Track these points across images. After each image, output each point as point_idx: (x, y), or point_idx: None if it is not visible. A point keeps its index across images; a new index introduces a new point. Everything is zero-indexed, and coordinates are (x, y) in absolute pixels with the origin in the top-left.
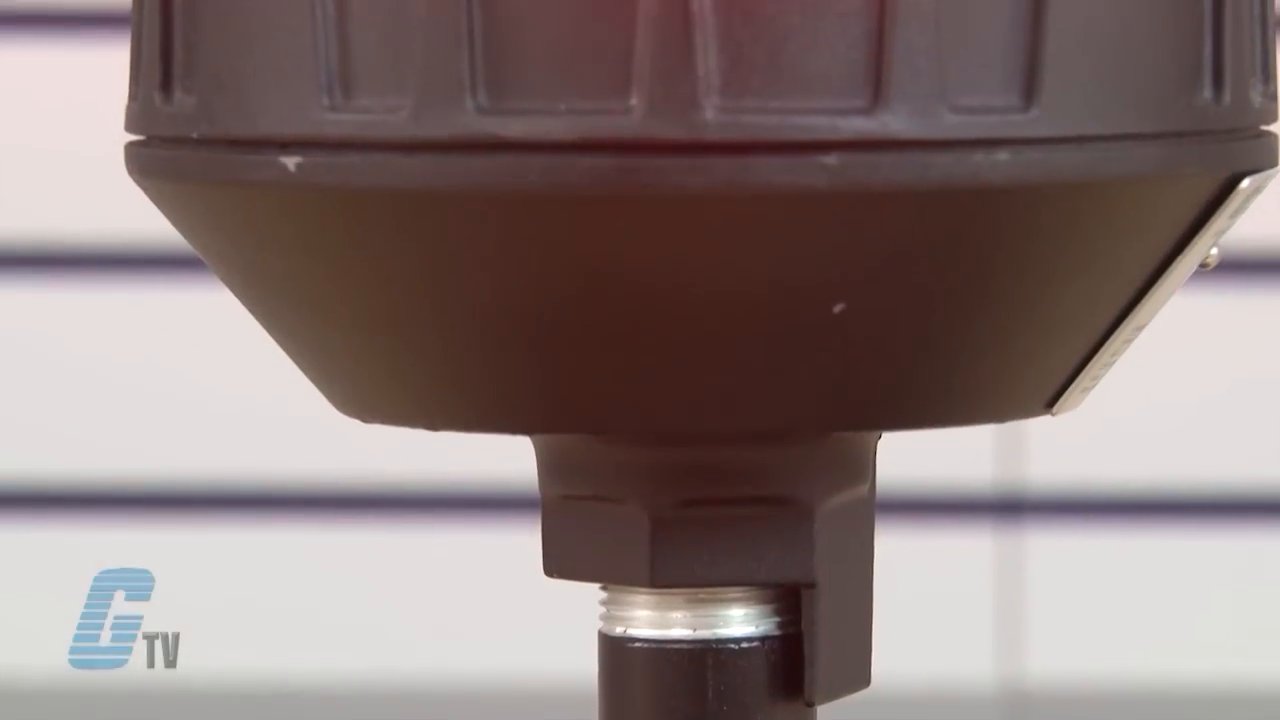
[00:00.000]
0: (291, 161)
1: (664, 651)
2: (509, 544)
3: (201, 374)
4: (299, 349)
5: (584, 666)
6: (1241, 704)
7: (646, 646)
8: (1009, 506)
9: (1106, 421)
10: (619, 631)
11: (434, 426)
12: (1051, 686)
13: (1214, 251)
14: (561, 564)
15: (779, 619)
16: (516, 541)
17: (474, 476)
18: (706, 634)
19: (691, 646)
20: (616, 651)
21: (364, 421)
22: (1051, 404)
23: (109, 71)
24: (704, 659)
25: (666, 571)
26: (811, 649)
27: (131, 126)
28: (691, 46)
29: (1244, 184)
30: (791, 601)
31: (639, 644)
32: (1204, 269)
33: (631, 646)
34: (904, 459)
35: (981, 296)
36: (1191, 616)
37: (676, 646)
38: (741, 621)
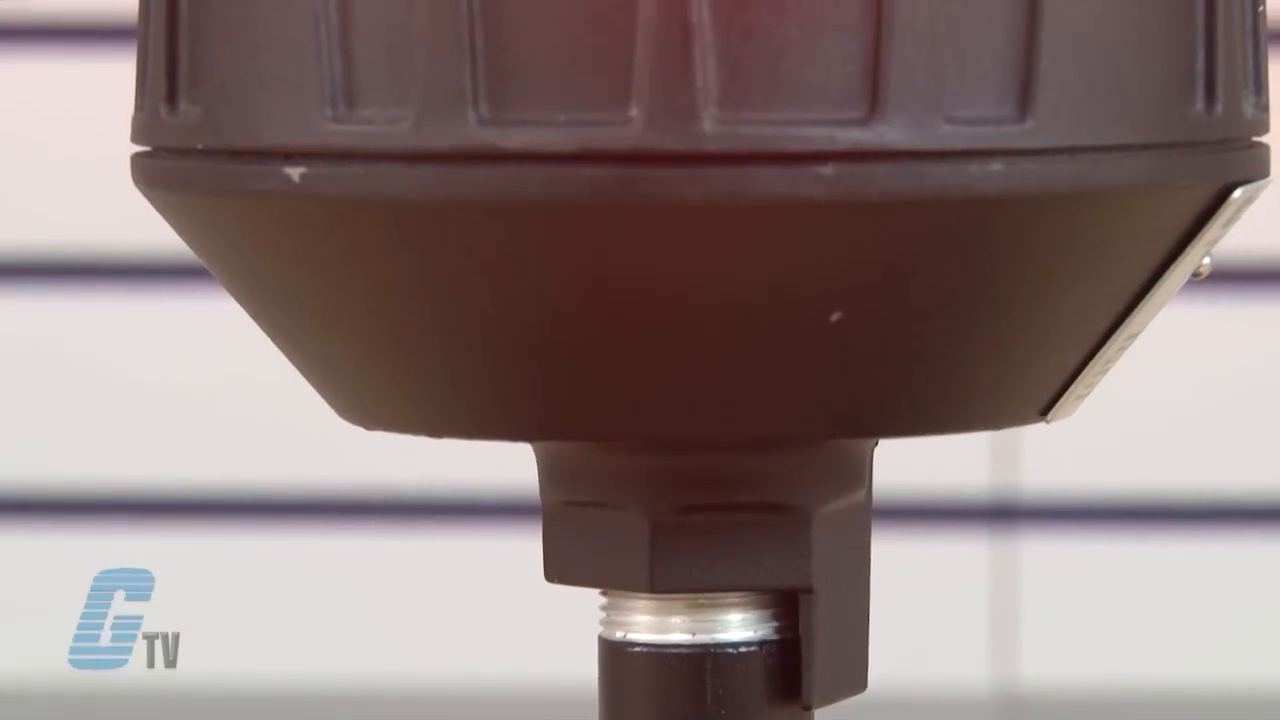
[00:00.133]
0: (295, 172)
1: (663, 656)
2: (510, 549)
3: (207, 381)
4: (302, 357)
5: (584, 670)
6: (1234, 707)
7: (646, 651)
8: (1003, 512)
9: (1100, 429)
10: (619, 636)
11: (436, 433)
12: (1045, 690)
13: (1206, 261)
14: (562, 569)
15: (777, 624)
16: (518, 547)
17: (476, 483)
18: (705, 638)
19: (690, 651)
20: (616, 656)
21: (367, 428)
22: (1046, 411)
23: (115, 83)
24: (703, 663)
25: (666, 577)
26: (809, 653)
27: (137, 137)
28: (690, 59)
29: (1236, 194)
30: (789, 606)
31: (638, 648)
32: (1196, 278)
33: (631, 651)
34: (900, 466)
35: (977, 305)
36: (1184, 621)
37: (675, 651)
38: (740, 626)
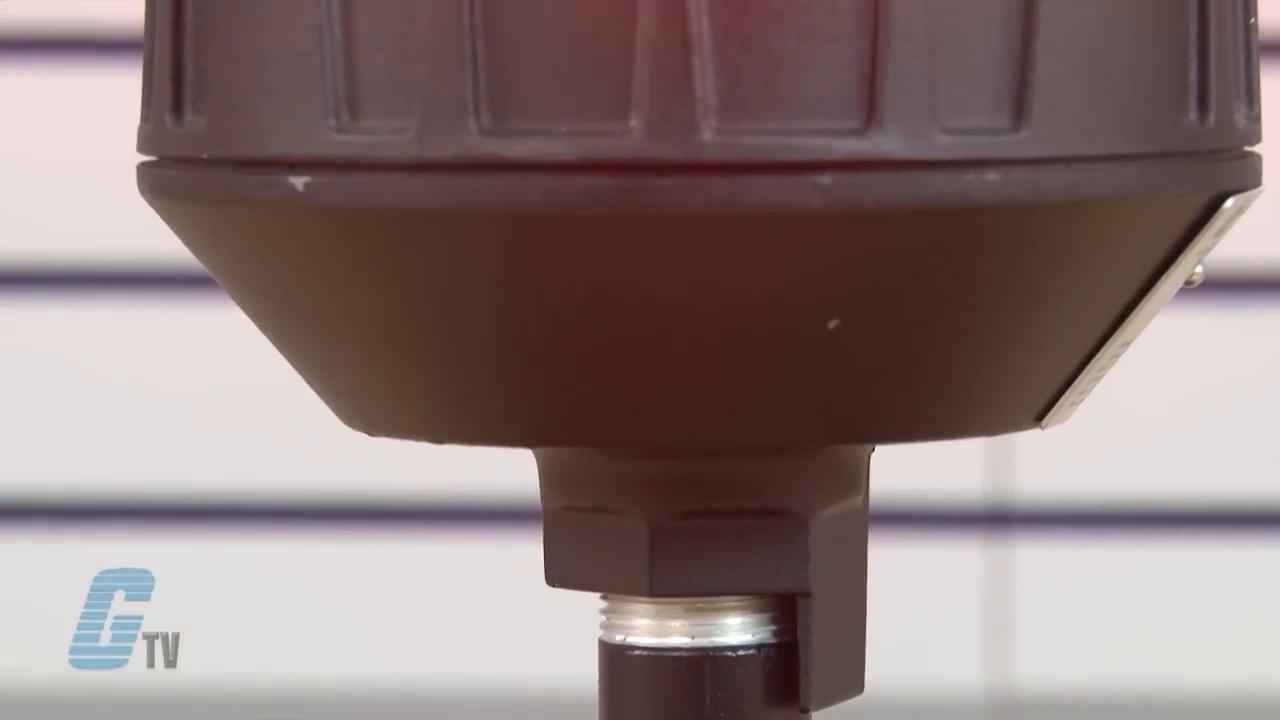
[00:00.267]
0: (299, 181)
1: (662, 659)
2: (511, 554)
3: (212, 388)
4: (306, 364)
5: (585, 674)
6: (1227, 710)
7: (645, 654)
8: (998, 518)
9: (1094, 435)
10: (619, 639)
11: (438, 439)
12: (1039, 693)
13: (1199, 269)
14: (563, 574)
15: (775, 627)
16: (519, 551)
17: (477, 488)
18: (704, 642)
19: (689, 654)
20: (616, 659)
21: (370, 434)
22: (1041, 417)
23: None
24: (701, 666)
25: (665, 581)
26: (806, 657)
27: (143, 148)
28: (690, 69)
29: (1228, 203)
30: (787, 610)
31: (638, 652)
32: (1189, 286)
33: (631, 654)
34: (897, 471)
35: (973, 313)
36: (1177, 625)
37: (675, 654)
38: (738, 630)
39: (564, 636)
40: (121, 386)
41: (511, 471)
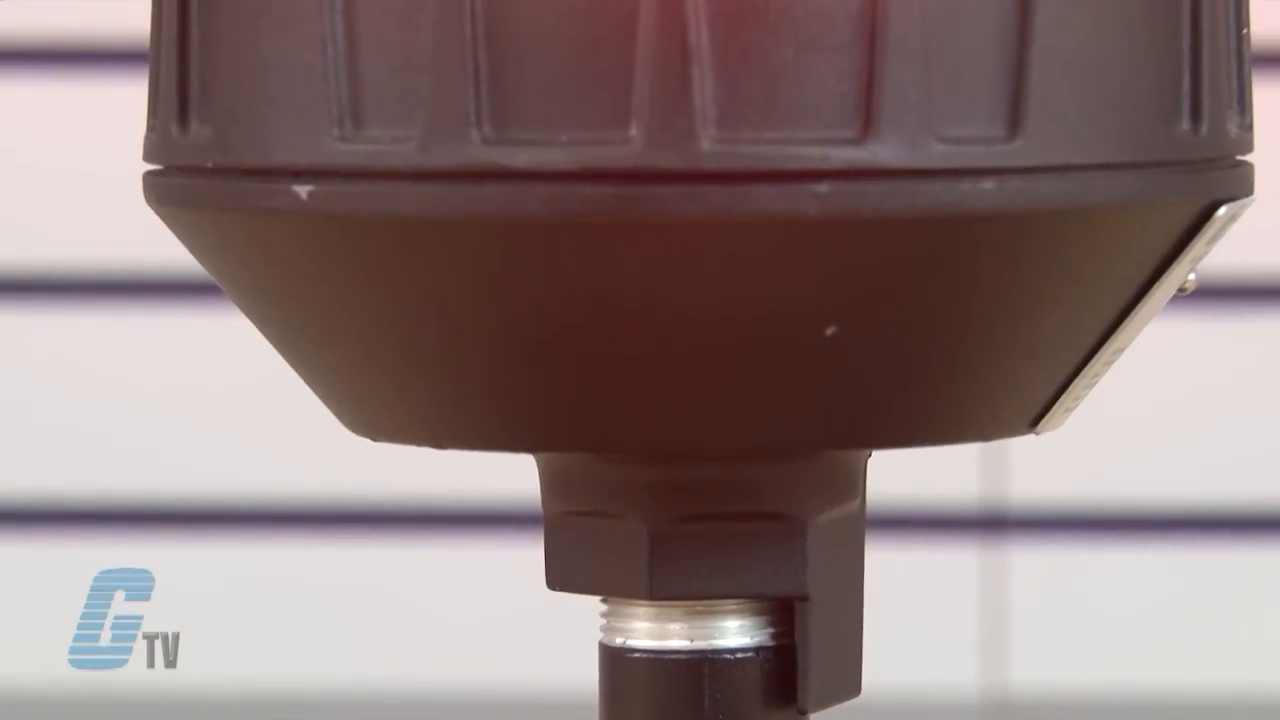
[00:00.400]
0: (303, 190)
1: (662, 661)
2: (513, 558)
3: (219, 394)
4: (310, 370)
5: (585, 676)
6: (1219, 712)
7: (645, 657)
8: (993, 522)
9: (1088, 441)
10: (619, 642)
11: (440, 445)
12: (1033, 695)
13: (1191, 277)
14: (563, 577)
15: (773, 630)
16: (520, 555)
17: (479, 493)
18: (703, 645)
19: (689, 657)
20: (616, 661)
21: (373, 440)
22: (1035, 423)
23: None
24: (701, 669)
25: (665, 584)
26: (804, 659)
27: (149, 156)
28: (689, 80)
29: (1221, 212)
30: (785, 613)
31: (638, 654)
32: (1182, 293)
33: (631, 657)
34: (893, 476)
35: (968, 320)
36: (1168, 627)
37: (674, 657)
38: (737, 633)
39: (565, 639)
40: (128, 392)
41: (513, 476)
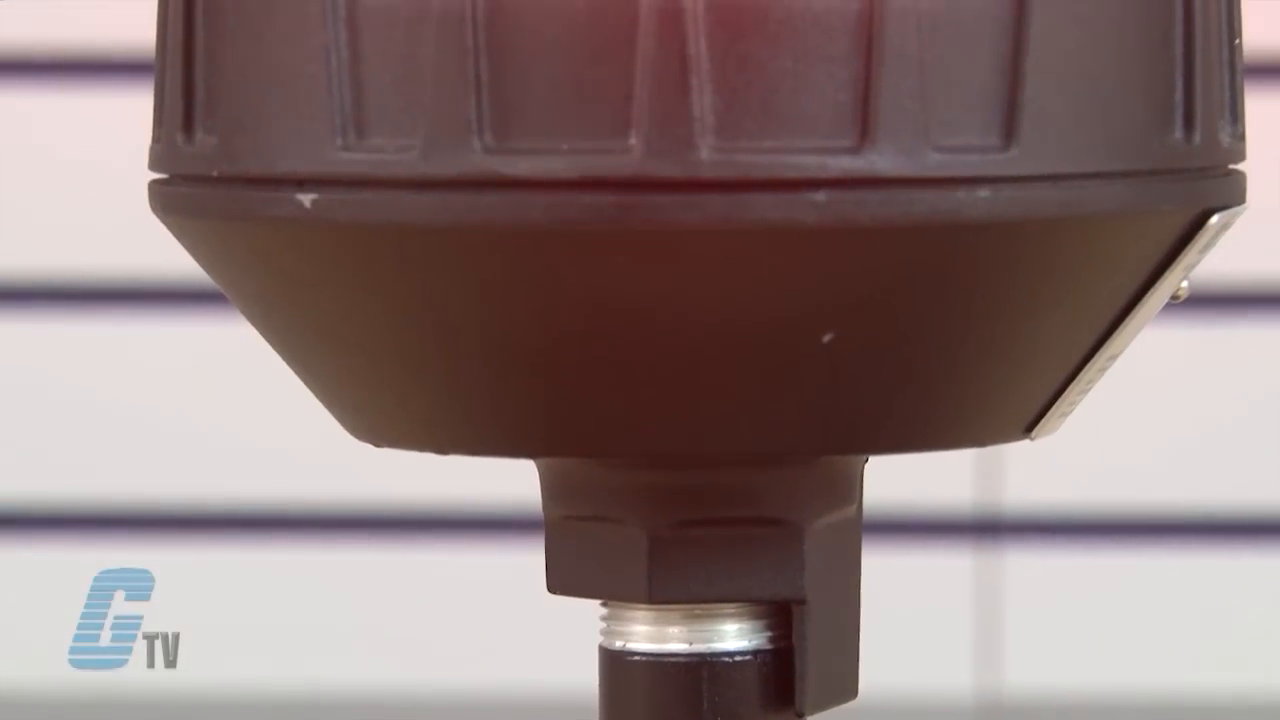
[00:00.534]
0: (307, 199)
1: (661, 664)
2: (514, 562)
3: (224, 400)
4: (313, 377)
5: (585, 679)
6: (1211, 714)
7: (645, 660)
8: (988, 527)
9: (1081, 446)
10: (618, 645)
11: (442, 450)
12: (1027, 698)
13: (1184, 284)
14: (564, 581)
15: (771, 634)
16: (521, 560)
17: (481, 498)
18: (702, 648)
19: (688, 660)
20: (616, 664)
21: (376, 446)
22: (1030, 429)
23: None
24: (699, 672)
25: (664, 588)
26: (802, 662)
27: (155, 166)
28: (688, 89)
29: (1213, 220)
30: (783, 617)
31: (637, 657)
32: (1175, 301)
33: (630, 660)
34: (889, 481)
35: (963, 327)
36: (1160, 631)
37: (673, 660)
38: (735, 636)
39: (565, 642)
40: (135, 398)
41: (514, 482)
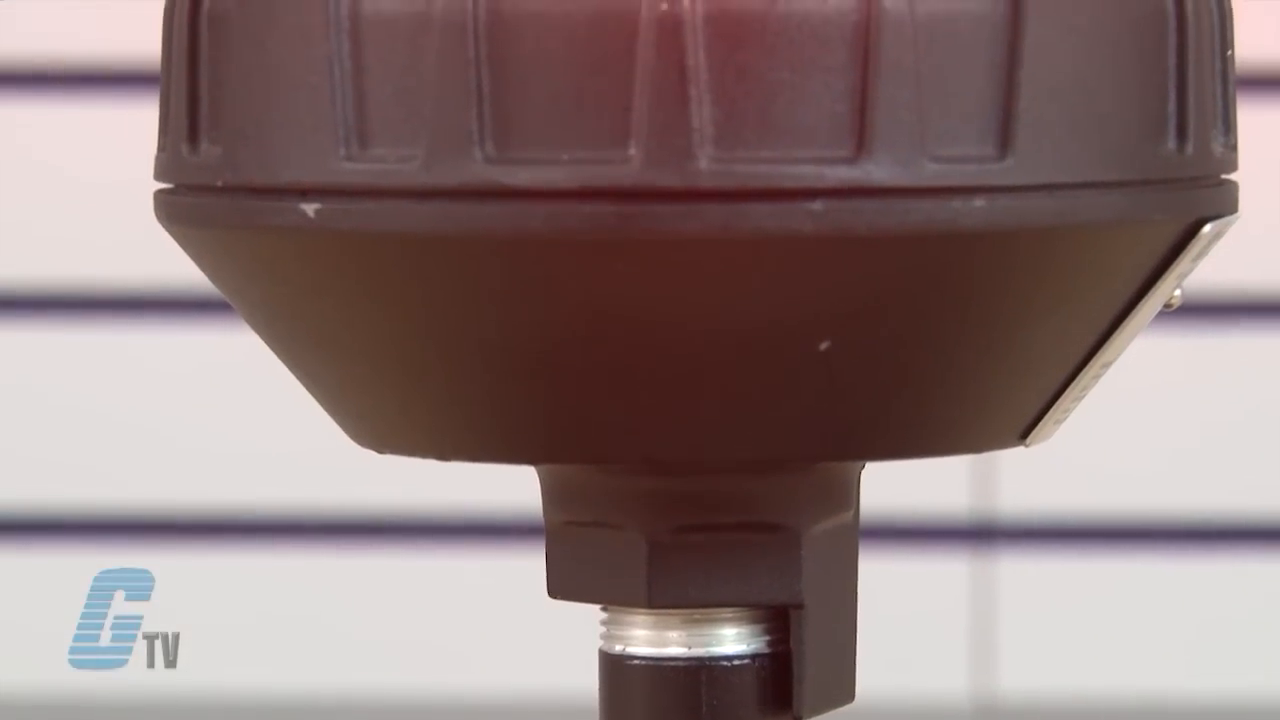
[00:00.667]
0: (310, 208)
1: (660, 668)
2: (515, 567)
3: (231, 408)
4: (317, 384)
5: (585, 682)
6: (1203, 718)
7: (644, 664)
8: (983, 533)
9: (1076, 453)
10: (618, 649)
11: (444, 457)
12: (1022, 701)
13: (1178, 293)
14: (564, 586)
15: (769, 638)
16: (522, 565)
17: (482, 504)
18: (701, 652)
19: (686, 664)
20: (616, 668)
21: (378, 452)
22: (1025, 436)
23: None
24: (698, 675)
25: (663, 593)
26: (799, 666)
27: (160, 175)
28: (687, 100)
29: (1206, 229)
30: (781, 621)
31: (637, 661)
32: (1168, 309)
33: (630, 664)
34: (886, 488)
35: (959, 335)
36: (1152, 635)
37: (672, 664)
38: (734, 640)
39: (565, 647)
40: (145, 404)
41: (515, 488)
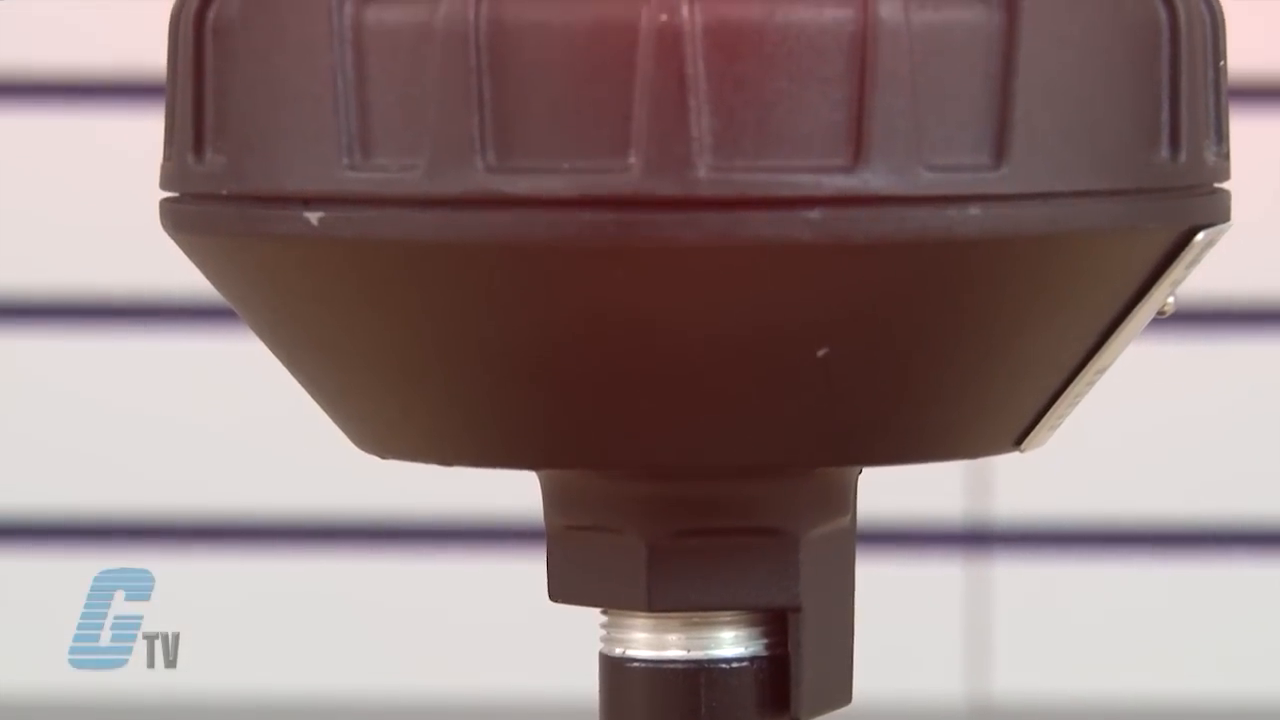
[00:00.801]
0: (314, 216)
1: (660, 671)
2: (516, 571)
3: (236, 413)
4: (320, 390)
5: (586, 685)
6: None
7: (644, 666)
8: (978, 537)
9: (1070, 458)
10: (618, 652)
11: (447, 462)
12: (1016, 703)
13: (1171, 300)
14: (565, 590)
15: (767, 641)
16: (523, 569)
17: (485, 508)
18: (700, 655)
19: (686, 666)
20: (616, 671)
21: (382, 458)
22: (1020, 442)
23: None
24: (697, 678)
25: (663, 597)
26: (797, 669)
27: (166, 185)
28: (686, 110)
29: (1199, 237)
30: (778, 624)
31: (637, 664)
32: (1161, 316)
33: (630, 666)
34: (882, 493)
35: (955, 341)
36: (1145, 638)
37: (672, 666)
38: (732, 643)
39: (566, 650)
40: (150, 411)
41: (516, 492)
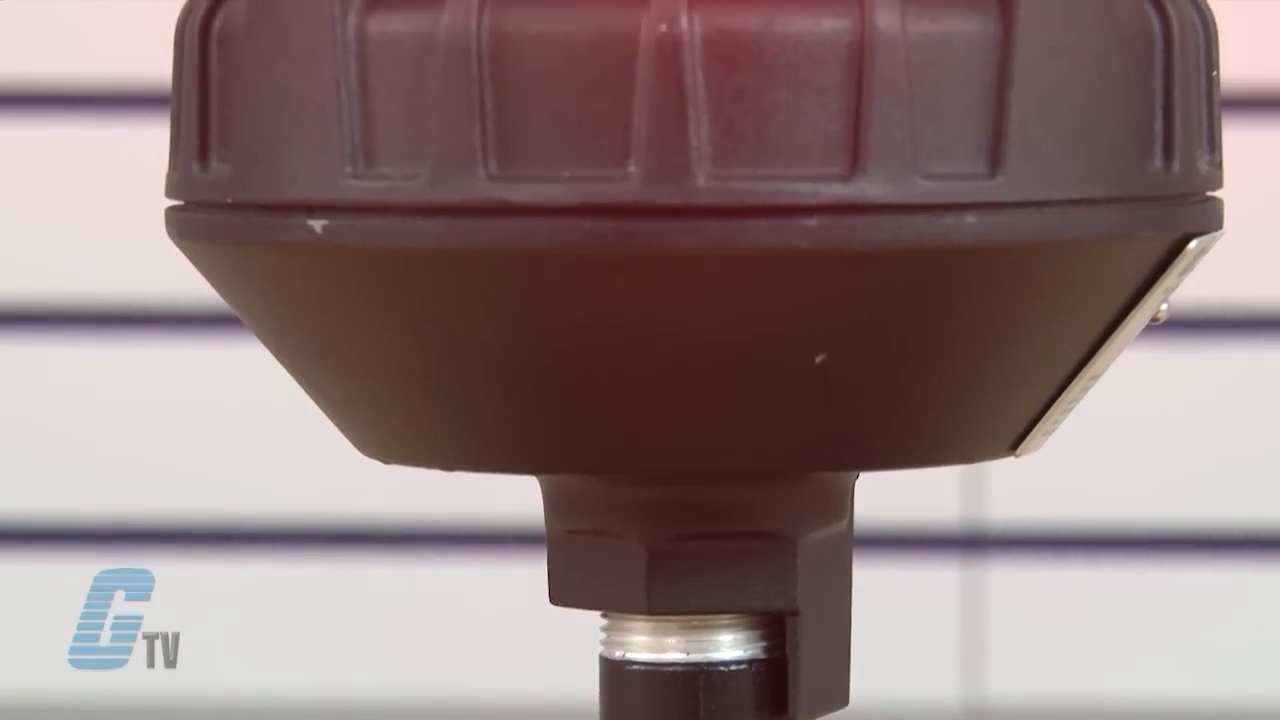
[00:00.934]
0: (318, 224)
1: (659, 674)
2: (517, 575)
3: (241, 420)
4: (323, 396)
5: (586, 687)
6: None
7: (643, 669)
8: (973, 541)
9: (1064, 463)
10: (618, 655)
11: (448, 467)
12: (1011, 706)
13: (1164, 307)
14: (565, 593)
15: (765, 644)
16: (524, 573)
17: (485, 513)
18: (699, 657)
19: (685, 669)
20: (616, 674)
21: (384, 462)
22: (1015, 447)
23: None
24: (696, 680)
25: (662, 600)
26: (795, 671)
27: (171, 193)
28: (685, 119)
29: (1192, 245)
30: (776, 628)
31: (636, 667)
32: (1155, 323)
33: (630, 669)
34: (879, 497)
35: (951, 348)
36: (1138, 643)
37: (671, 669)
38: (731, 646)
39: (566, 652)
40: (152, 413)
41: (517, 497)
